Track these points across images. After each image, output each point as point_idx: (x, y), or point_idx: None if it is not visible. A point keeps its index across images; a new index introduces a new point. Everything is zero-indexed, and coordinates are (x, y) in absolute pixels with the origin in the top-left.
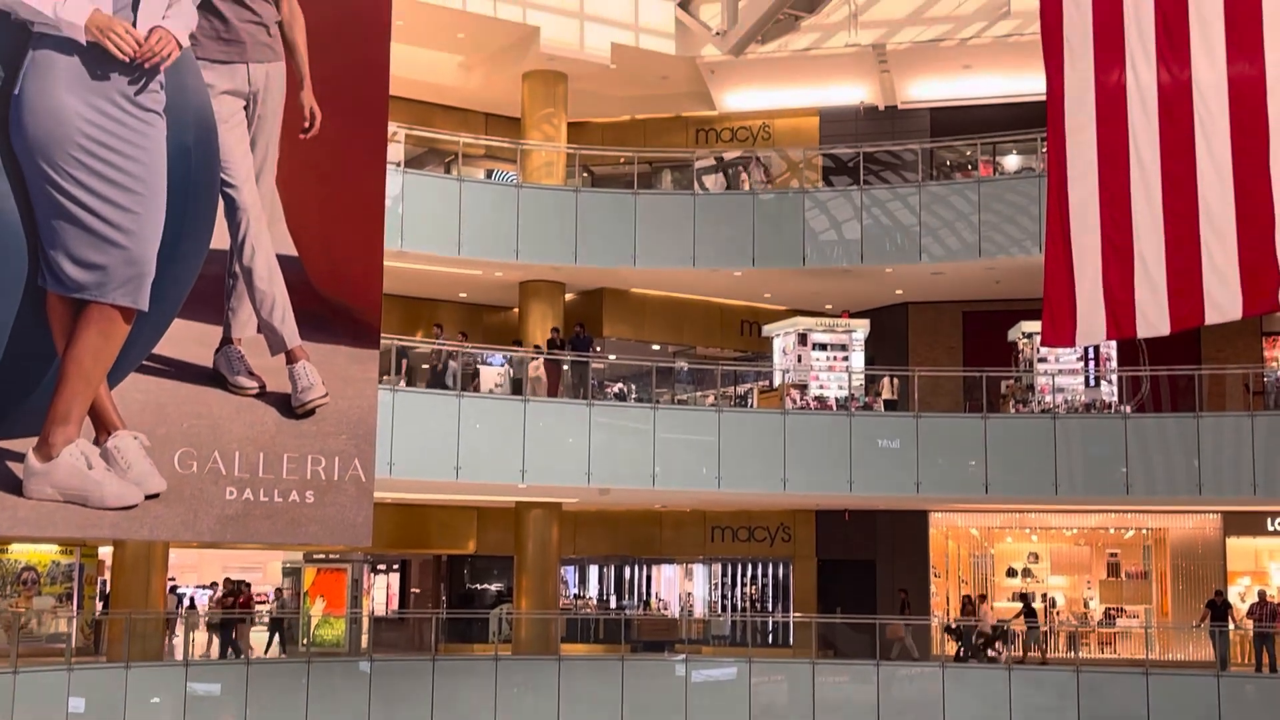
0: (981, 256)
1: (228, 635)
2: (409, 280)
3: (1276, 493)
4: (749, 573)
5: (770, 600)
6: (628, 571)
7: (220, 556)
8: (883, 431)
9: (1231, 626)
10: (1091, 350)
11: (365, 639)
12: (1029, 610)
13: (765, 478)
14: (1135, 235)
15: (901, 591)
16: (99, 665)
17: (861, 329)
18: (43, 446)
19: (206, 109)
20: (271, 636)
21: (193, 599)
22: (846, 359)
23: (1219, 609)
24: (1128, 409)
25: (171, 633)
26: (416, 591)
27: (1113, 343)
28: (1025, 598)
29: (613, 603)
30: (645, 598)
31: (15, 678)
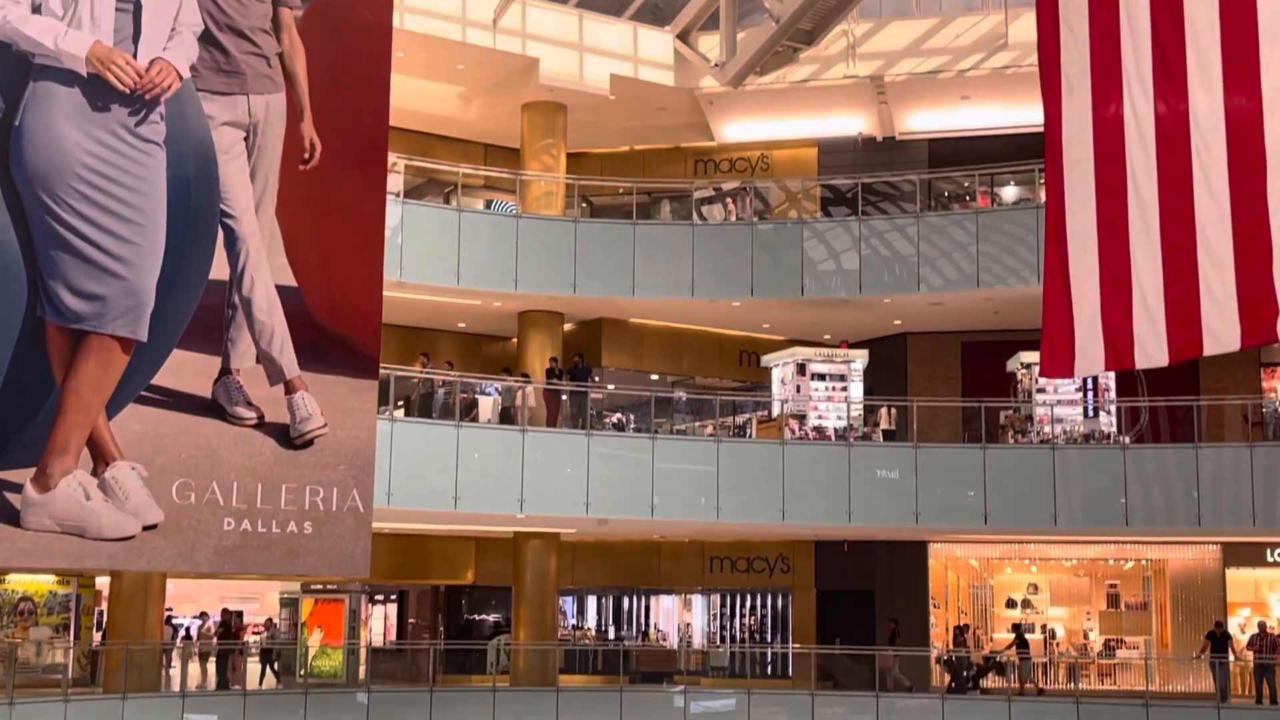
0: (980, 287)
1: (222, 666)
2: (408, 310)
3: (1276, 524)
4: (748, 603)
5: (769, 631)
6: (626, 602)
7: (218, 587)
8: (882, 462)
9: (1231, 658)
10: (1090, 381)
11: (363, 670)
12: (1021, 641)
13: (764, 508)
14: (1133, 266)
15: (892, 621)
16: (95, 696)
17: (860, 359)
18: (41, 477)
19: (207, 140)
20: (264, 668)
21: (188, 630)
22: (845, 389)
23: (1219, 640)
24: (1127, 440)
25: (168, 664)
26: (414, 622)
27: (1111, 373)
28: (1018, 628)
29: (611, 633)
30: (644, 628)
31: (11, 709)
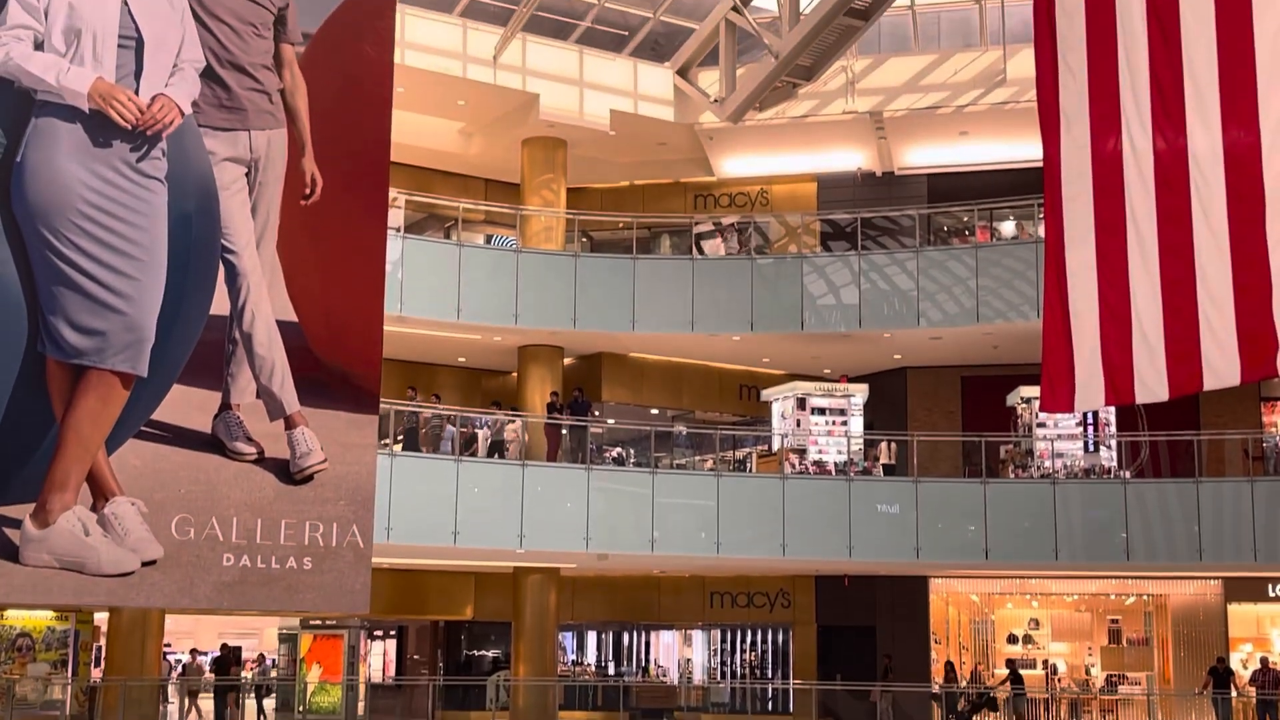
0: (979, 321)
1: (220, 703)
2: (408, 345)
3: (1277, 558)
4: (748, 639)
5: (770, 667)
6: (626, 637)
7: (216, 623)
8: (882, 496)
9: (1234, 694)
10: (1090, 415)
11: (361, 706)
12: (1016, 677)
13: (764, 543)
14: (1133, 301)
15: (886, 657)
16: None
17: (860, 393)
18: (40, 513)
19: (208, 176)
20: (258, 704)
21: (184, 667)
22: (845, 423)
23: (1221, 676)
24: (1127, 474)
25: (166, 699)
26: (413, 658)
27: (1112, 408)
28: (1011, 664)
29: (611, 669)
30: (644, 664)
31: None
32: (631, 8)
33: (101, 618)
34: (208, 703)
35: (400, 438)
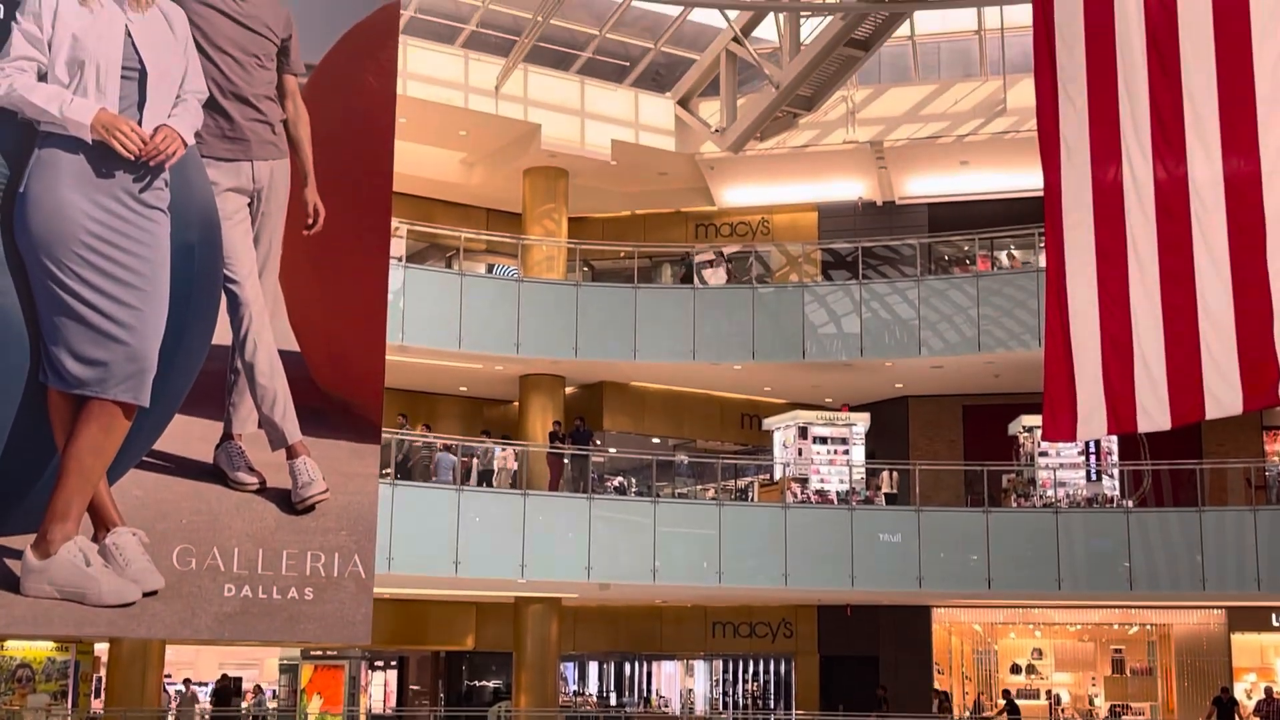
0: (981, 351)
1: None
2: (409, 374)
3: None
4: (750, 669)
5: (772, 697)
6: (628, 668)
7: (217, 653)
8: (884, 526)
9: None
10: (1093, 444)
11: None
12: (1013, 707)
13: (766, 572)
14: (1134, 330)
15: (880, 688)
16: None
17: (862, 422)
18: (41, 544)
19: (210, 206)
20: None
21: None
22: (847, 452)
23: (1225, 706)
24: (1130, 503)
25: None
26: (414, 689)
27: (1114, 437)
28: (1007, 694)
29: (613, 700)
30: (646, 695)
31: None
32: (633, 38)
33: (102, 648)
34: None
35: (387, 472)
